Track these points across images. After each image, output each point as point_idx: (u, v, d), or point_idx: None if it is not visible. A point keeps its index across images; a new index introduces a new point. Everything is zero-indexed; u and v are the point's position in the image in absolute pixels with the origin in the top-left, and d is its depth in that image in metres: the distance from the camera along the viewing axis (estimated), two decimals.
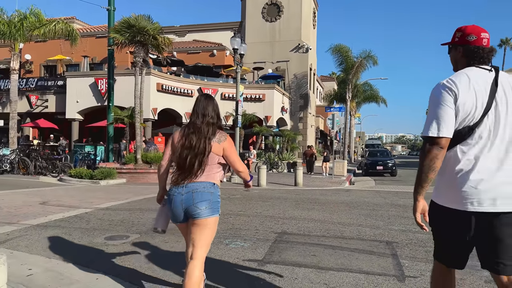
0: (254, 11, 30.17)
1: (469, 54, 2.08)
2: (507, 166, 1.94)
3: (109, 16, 15.73)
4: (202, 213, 2.61)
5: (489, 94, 1.96)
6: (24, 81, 22.91)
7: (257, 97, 24.28)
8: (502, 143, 1.96)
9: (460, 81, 1.98)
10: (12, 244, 4.55)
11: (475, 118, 1.96)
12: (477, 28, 2.10)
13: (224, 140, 2.72)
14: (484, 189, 1.92)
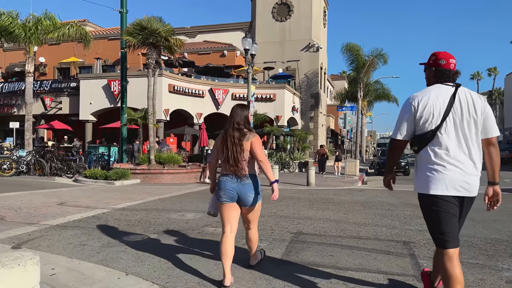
0: (264, 11, 30.19)
1: (438, 74, 2.71)
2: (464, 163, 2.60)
3: (121, 18, 15.91)
4: (252, 201, 3.55)
5: (447, 105, 2.59)
6: (39, 83, 23.32)
7: (268, 97, 24.29)
8: (459, 144, 2.60)
9: (422, 97, 2.63)
10: (34, 244, 4.65)
11: (435, 124, 2.59)
12: (447, 55, 2.73)
13: (252, 138, 3.49)
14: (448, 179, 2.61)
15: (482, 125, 2.61)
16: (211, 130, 22.67)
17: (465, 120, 2.59)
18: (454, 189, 2.58)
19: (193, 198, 9.03)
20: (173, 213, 6.81)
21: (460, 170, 2.57)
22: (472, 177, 2.59)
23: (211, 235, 5.24)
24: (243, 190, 3.49)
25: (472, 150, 2.60)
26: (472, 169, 2.60)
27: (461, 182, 2.57)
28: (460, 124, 2.60)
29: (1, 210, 6.84)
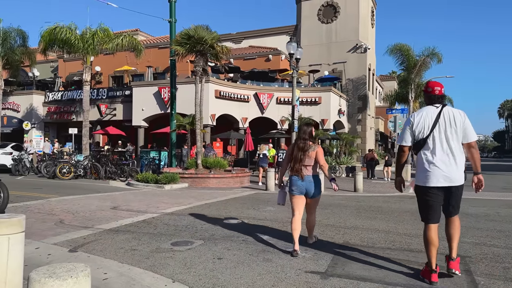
0: (309, 13, 29.96)
1: (429, 99, 3.85)
2: (447, 162, 3.65)
3: (170, 27, 16.50)
4: (315, 194, 4.93)
5: (434, 120, 3.69)
6: (95, 91, 24.78)
7: (313, 100, 24.02)
8: (443, 149, 3.66)
9: (417, 115, 3.80)
10: (89, 248, 4.91)
11: (425, 134, 3.70)
12: (435, 84, 3.84)
13: (315, 149, 4.88)
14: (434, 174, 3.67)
15: (462, 133, 3.66)
16: (256, 134, 22.85)
17: (448, 131, 3.66)
18: (438, 182, 3.63)
19: (237, 204, 9.11)
20: (218, 219, 6.92)
21: (443, 167, 3.62)
22: (454, 172, 3.62)
23: (255, 243, 5.24)
24: (309, 186, 4.85)
25: (454, 152, 3.64)
26: (453, 166, 3.63)
27: (444, 176, 3.61)
28: (444, 134, 3.66)
29: (61, 214, 7.32)
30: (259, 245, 5.13)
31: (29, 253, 4.40)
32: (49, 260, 4.28)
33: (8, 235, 2.92)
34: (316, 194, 4.92)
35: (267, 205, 8.94)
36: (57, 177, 15.29)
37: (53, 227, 6.03)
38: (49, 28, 18.45)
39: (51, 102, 26.45)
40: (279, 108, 23.51)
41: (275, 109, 23.64)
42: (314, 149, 4.84)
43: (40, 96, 26.75)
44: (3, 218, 2.95)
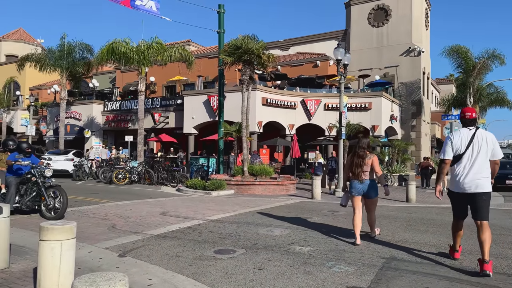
0: (359, 17, 29.33)
1: (463, 122, 4.80)
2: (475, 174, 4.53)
3: (219, 38, 16.96)
4: (373, 196, 5.99)
5: (468, 140, 4.60)
6: (150, 100, 26.03)
7: (363, 106, 23.38)
8: (474, 164, 4.54)
9: (455, 134, 4.72)
10: (136, 253, 5.15)
11: (461, 151, 4.62)
12: (467, 110, 4.83)
13: (371, 157, 5.91)
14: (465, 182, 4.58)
15: (491, 152, 4.55)
16: (303, 141, 22.69)
17: (480, 150, 4.54)
18: (464, 189, 4.59)
19: (282, 212, 9.08)
20: (261, 228, 6.94)
21: (471, 178, 4.53)
22: (478, 181, 4.50)
23: (296, 254, 5.19)
24: (367, 189, 5.91)
25: (482, 166, 4.53)
26: (479, 177, 4.50)
27: (469, 184, 4.53)
28: (477, 152, 4.55)
29: (114, 218, 7.75)
30: (301, 256, 5.08)
31: (82, 256, 4.70)
32: (99, 264, 4.54)
33: (61, 241, 3.15)
34: (373, 195, 6.01)
35: (312, 214, 8.82)
36: (113, 182, 16.19)
37: (105, 232, 6.39)
38: (108, 44, 19.76)
39: (109, 111, 28.17)
40: (327, 115, 23.17)
41: (323, 116, 23.33)
42: (370, 157, 5.90)
43: (99, 105, 28.60)
44: (57, 225, 3.19)
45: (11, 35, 43.76)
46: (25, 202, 7.59)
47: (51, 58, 24.72)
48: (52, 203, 7.45)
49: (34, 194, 7.59)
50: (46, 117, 31.35)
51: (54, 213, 7.39)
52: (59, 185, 7.74)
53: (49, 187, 7.59)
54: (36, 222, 6.74)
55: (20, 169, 7.88)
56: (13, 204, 7.49)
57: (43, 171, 7.65)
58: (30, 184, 7.72)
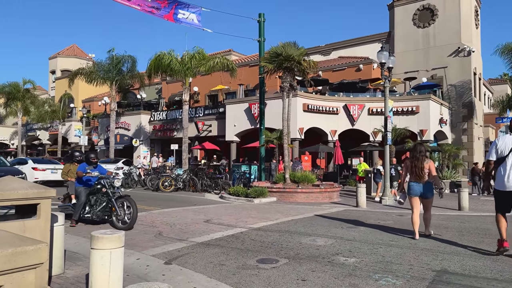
0: (404, 18, 28.42)
1: (510, 128, 5.58)
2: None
3: (260, 46, 17.12)
4: (429, 196, 6.82)
5: None
6: (193, 110, 26.75)
7: (410, 110, 22.51)
8: None
9: (501, 139, 5.51)
10: (182, 261, 5.26)
11: (505, 153, 5.37)
12: None
13: (428, 162, 6.81)
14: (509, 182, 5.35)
15: None
16: (345, 147, 22.21)
17: None
18: (506, 187, 5.33)
19: (325, 221, 8.91)
20: (304, 237, 6.84)
21: None
22: None
23: (341, 265, 5.06)
24: (424, 190, 6.76)
25: None
26: None
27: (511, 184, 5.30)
28: None
29: (160, 226, 7.98)
30: (346, 268, 4.94)
31: (130, 263, 4.88)
32: (146, 271, 4.69)
33: (110, 250, 3.28)
34: (429, 196, 6.82)
35: (357, 223, 8.57)
36: (160, 189, 16.73)
37: (152, 239, 6.60)
38: (155, 56, 20.62)
39: (156, 121, 29.26)
40: (371, 119, 22.55)
41: (367, 121, 22.73)
42: (427, 162, 6.80)
43: (146, 115, 29.79)
44: (107, 234, 3.34)
45: (66, 51, 46.87)
46: (96, 213, 7.65)
47: (101, 71, 26.16)
48: (122, 213, 7.45)
49: (104, 205, 7.65)
50: (97, 127, 33.14)
51: (123, 224, 7.37)
52: (128, 195, 7.71)
53: (119, 197, 7.58)
54: (89, 229, 7.10)
55: (89, 180, 7.97)
56: (84, 214, 7.71)
57: (112, 181, 7.68)
58: (100, 194, 7.76)
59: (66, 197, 8.63)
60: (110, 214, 7.60)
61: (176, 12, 11.04)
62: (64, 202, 8.59)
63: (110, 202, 7.55)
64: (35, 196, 3.59)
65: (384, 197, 13.05)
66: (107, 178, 7.77)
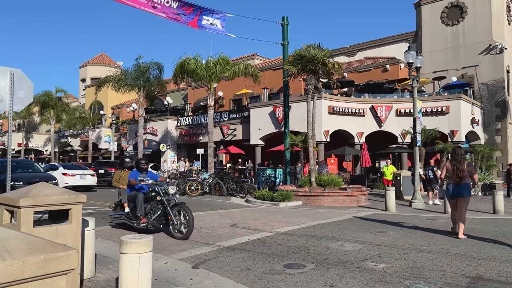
0: (431, 17, 27.70)
1: None
2: None
3: (283, 50, 17.10)
4: (465, 195, 7.25)
5: None
6: (218, 115, 27.00)
7: (439, 110, 21.86)
8: None
9: None
10: (209, 265, 5.28)
11: None
12: None
13: (468, 165, 7.24)
14: None
15: None
16: (373, 149, 21.78)
17: None
18: None
19: (353, 225, 8.74)
20: (331, 242, 6.73)
21: None
22: None
23: (370, 271, 4.94)
24: (461, 191, 7.21)
25: None
26: None
27: None
28: None
29: None
30: (375, 274, 4.82)
31: (158, 267, 4.94)
32: (174, 275, 4.74)
33: (139, 254, 3.34)
34: (465, 195, 7.25)
35: (387, 228, 8.36)
36: (187, 193, 16.94)
37: (179, 243, 6.66)
38: (181, 60, 20.99)
39: (182, 126, 29.72)
40: (399, 121, 22.03)
41: (395, 122, 22.23)
42: (467, 165, 7.25)
43: (173, 121, 30.31)
44: (135, 239, 3.39)
45: (95, 60, 48.44)
46: (151, 222, 7.17)
47: (128, 79, 26.85)
48: (178, 222, 6.95)
49: (159, 213, 7.16)
50: (126, 133, 34.00)
51: (180, 233, 6.90)
52: (183, 203, 7.22)
53: (174, 205, 7.09)
54: (118, 233, 7.26)
55: (141, 188, 7.52)
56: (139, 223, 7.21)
57: (166, 188, 7.17)
58: (154, 202, 7.30)
59: (118, 205, 8.13)
60: (166, 222, 7.16)
61: (201, 19, 11.19)
62: (115, 211, 8.14)
63: (165, 210, 7.08)
64: (67, 202, 3.71)
65: (414, 201, 12.68)
66: (161, 185, 7.30)
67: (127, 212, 7.62)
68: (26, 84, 6.96)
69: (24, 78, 6.95)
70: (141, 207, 7.25)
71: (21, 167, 15.18)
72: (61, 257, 1.49)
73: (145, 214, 7.29)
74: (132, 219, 7.43)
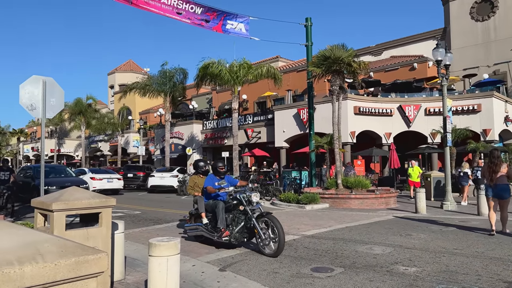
0: (460, 13, 26.86)
1: None
2: None
3: (307, 51, 16.97)
4: (505, 197, 7.52)
5: None
6: (243, 117, 27.12)
7: (471, 109, 21.11)
8: None
9: None
10: (236, 268, 5.28)
11: None
12: None
13: (504, 167, 7.51)
14: None
15: None
16: (402, 150, 21.25)
17: None
18: None
19: (382, 228, 8.54)
20: (360, 245, 6.60)
21: None
22: None
23: (401, 275, 4.79)
24: (500, 191, 7.43)
25: None
26: None
27: None
28: None
29: None
30: (406, 278, 4.68)
31: (186, 270, 4.99)
32: (202, 278, 4.77)
33: (167, 257, 3.37)
34: (505, 196, 7.45)
35: (417, 231, 8.12)
36: None
37: (207, 246, 6.70)
38: (205, 63, 21.22)
39: (207, 130, 30.04)
40: (428, 120, 21.42)
41: (424, 122, 21.63)
42: (504, 166, 7.49)
43: (198, 125, 30.69)
44: (163, 241, 3.43)
45: (123, 67, 49.77)
46: (234, 235, 6.16)
47: (154, 84, 27.40)
48: (266, 236, 5.90)
49: (242, 224, 6.18)
50: (153, 138, 34.68)
51: (269, 249, 5.86)
52: (270, 213, 6.19)
53: (260, 216, 6.07)
54: (146, 236, 7.38)
55: (218, 195, 6.60)
56: (221, 237, 6.23)
57: (249, 196, 6.21)
58: (236, 212, 6.31)
59: (194, 215, 7.11)
60: (249, 235, 6.23)
61: (225, 23, 11.27)
62: (190, 222, 7.14)
63: (250, 222, 6.10)
64: (97, 206, 3.80)
65: (446, 202, 12.26)
66: (242, 192, 6.31)
67: (206, 224, 6.63)
68: (57, 92, 7.22)
69: (56, 86, 7.21)
70: (222, 218, 6.28)
71: (54, 172, 15.74)
72: (91, 260, 1.52)
73: (226, 226, 6.32)
74: (211, 231, 6.45)
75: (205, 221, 6.66)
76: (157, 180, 21.01)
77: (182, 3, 10.31)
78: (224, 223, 6.29)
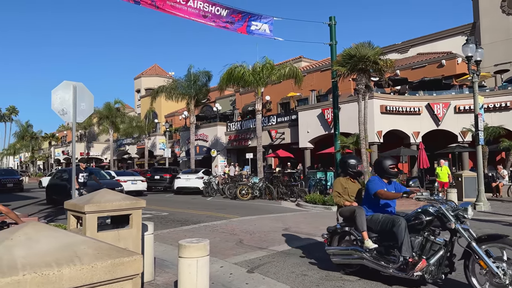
0: (490, 7, 25.90)
1: None
2: None
3: (331, 50, 16.70)
4: None
5: None
6: (266, 119, 27.09)
7: (504, 106, 20.28)
8: None
9: None
10: (264, 269, 5.24)
11: None
12: None
13: None
14: None
15: None
16: (431, 149, 20.64)
17: None
18: None
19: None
20: None
21: None
22: None
23: None
24: None
25: None
26: None
27: None
28: None
29: (241, 234, 8.10)
30: None
31: (214, 271, 4.99)
32: (230, 279, 4.76)
33: (197, 258, 3.37)
34: None
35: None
36: (238, 198, 17.11)
37: (234, 247, 6.71)
38: (229, 68, 21.37)
39: (231, 131, 30.19)
40: (458, 118, 20.73)
41: (454, 120, 20.94)
42: None
43: (222, 127, 30.89)
44: (193, 243, 3.43)
45: (148, 71, 50.79)
46: (428, 268, 4.16)
47: (179, 88, 27.79)
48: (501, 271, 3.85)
49: (441, 253, 4.21)
50: (179, 140, 35.17)
51: None
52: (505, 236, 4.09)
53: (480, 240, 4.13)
54: (174, 237, 7.45)
55: (387, 205, 4.86)
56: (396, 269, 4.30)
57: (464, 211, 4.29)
58: (426, 233, 4.35)
59: (339, 234, 5.14)
60: (450, 269, 4.31)
61: (249, 25, 11.27)
62: (331, 244, 5.13)
63: (449, 249, 4.29)
64: (128, 207, 3.85)
65: (479, 203, 11.83)
66: (439, 203, 4.32)
67: (371, 249, 4.58)
68: (87, 96, 7.41)
69: (85, 91, 7.40)
70: (407, 242, 4.27)
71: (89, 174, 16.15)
72: (126, 262, 1.52)
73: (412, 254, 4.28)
74: (380, 260, 4.49)
75: (371, 246, 4.55)
76: (183, 182, 21.26)
77: (208, 5, 10.38)
78: (410, 251, 4.26)
